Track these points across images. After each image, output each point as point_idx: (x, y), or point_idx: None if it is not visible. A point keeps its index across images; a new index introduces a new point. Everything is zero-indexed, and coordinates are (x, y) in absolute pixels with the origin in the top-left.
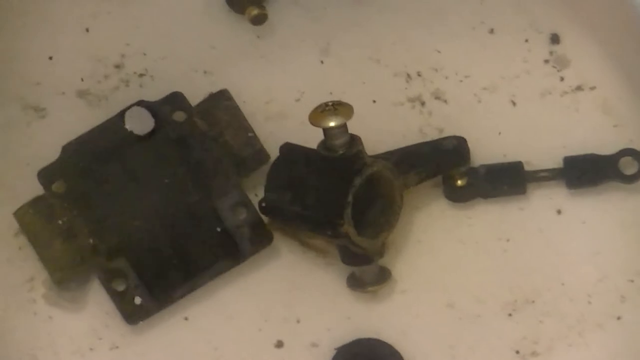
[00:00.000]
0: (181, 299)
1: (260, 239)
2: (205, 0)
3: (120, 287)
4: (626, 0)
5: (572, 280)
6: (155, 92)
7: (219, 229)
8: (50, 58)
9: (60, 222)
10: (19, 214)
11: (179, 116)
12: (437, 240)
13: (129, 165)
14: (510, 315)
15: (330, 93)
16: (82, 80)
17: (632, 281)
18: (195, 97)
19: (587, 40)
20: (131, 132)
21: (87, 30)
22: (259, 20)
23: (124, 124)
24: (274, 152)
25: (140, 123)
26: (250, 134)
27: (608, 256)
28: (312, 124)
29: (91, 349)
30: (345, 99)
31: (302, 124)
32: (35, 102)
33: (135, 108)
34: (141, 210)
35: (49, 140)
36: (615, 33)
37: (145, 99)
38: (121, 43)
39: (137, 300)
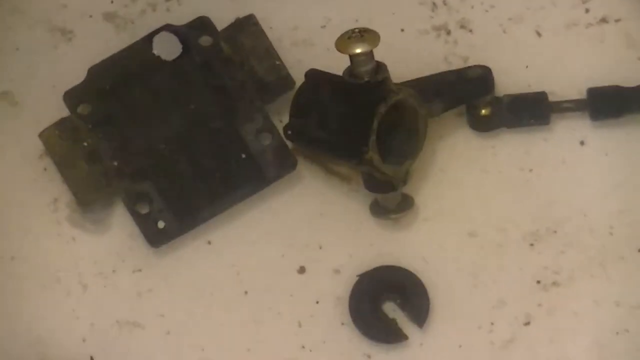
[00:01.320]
0: (204, 223)
1: (284, 164)
2: None
3: (144, 210)
4: None
5: (594, 211)
6: (181, 17)
7: (243, 155)
8: None
9: (85, 144)
10: (44, 136)
11: (205, 41)
12: (461, 169)
13: (155, 88)
14: (532, 245)
15: (356, 20)
16: (112, 2)
17: None
18: (221, 22)
19: None
20: (158, 56)
21: None
22: None
23: (151, 49)
24: (299, 78)
25: (167, 48)
26: (276, 61)
27: (630, 188)
28: (339, 50)
29: (114, 271)
30: (371, 27)
31: (328, 50)
32: (62, 24)
33: (163, 33)
34: (166, 134)
35: (75, 62)
36: None
37: (172, 23)
38: None
39: (161, 224)
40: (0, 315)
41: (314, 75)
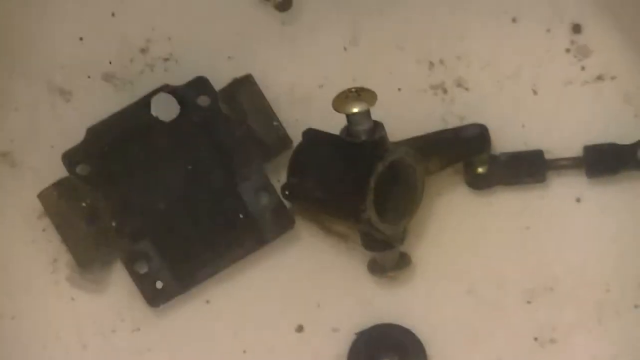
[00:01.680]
0: (203, 282)
1: (282, 223)
2: None
3: (143, 270)
4: None
5: (591, 268)
6: (179, 77)
7: (241, 215)
8: (81, 39)
9: (84, 204)
10: (43, 196)
11: (203, 101)
12: (458, 226)
13: (153, 148)
14: (529, 302)
15: (354, 79)
16: (110, 63)
17: None
18: (219, 82)
19: (608, 30)
20: (156, 117)
21: (113, 14)
22: (284, 6)
23: (149, 109)
24: (296, 137)
25: (165, 109)
26: (274, 121)
27: (626, 245)
28: (336, 109)
29: (113, 331)
30: (368, 86)
31: (325, 109)
32: (61, 84)
33: (161, 94)
34: (165, 194)
35: (74, 123)
36: (636, 23)
37: (170, 83)
38: (147, 27)
39: (159, 283)
40: None
41: (311, 135)
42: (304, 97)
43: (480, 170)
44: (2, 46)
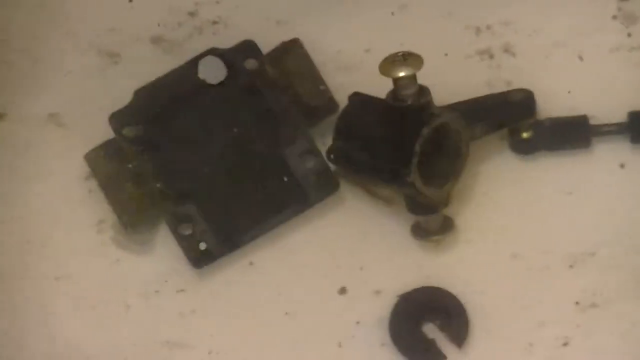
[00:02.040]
0: (247, 244)
1: (327, 186)
2: None
3: (187, 232)
4: None
5: (634, 233)
6: (227, 40)
7: (286, 178)
8: (131, 1)
9: (130, 166)
10: (90, 157)
11: (251, 64)
12: (502, 191)
13: (200, 111)
14: (571, 266)
15: (401, 44)
16: (158, 25)
17: None
18: (267, 46)
19: None
20: (203, 80)
21: None
22: None
23: (197, 72)
24: (342, 101)
25: (213, 72)
26: (320, 85)
27: None
28: (382, 73)
29: (157, 292)
30: (415, 51)
31: (371, 74)
32: (109, 47)
33: (208, 57)
34: (210, 157)
35: (122, 85)
36: None
37: (218, 46)
38: None
39: (203, 245)
40: (44, 335)
41: (357, 99)
42: (351, 62)
43: (525, 135)
44: (53, 10)
